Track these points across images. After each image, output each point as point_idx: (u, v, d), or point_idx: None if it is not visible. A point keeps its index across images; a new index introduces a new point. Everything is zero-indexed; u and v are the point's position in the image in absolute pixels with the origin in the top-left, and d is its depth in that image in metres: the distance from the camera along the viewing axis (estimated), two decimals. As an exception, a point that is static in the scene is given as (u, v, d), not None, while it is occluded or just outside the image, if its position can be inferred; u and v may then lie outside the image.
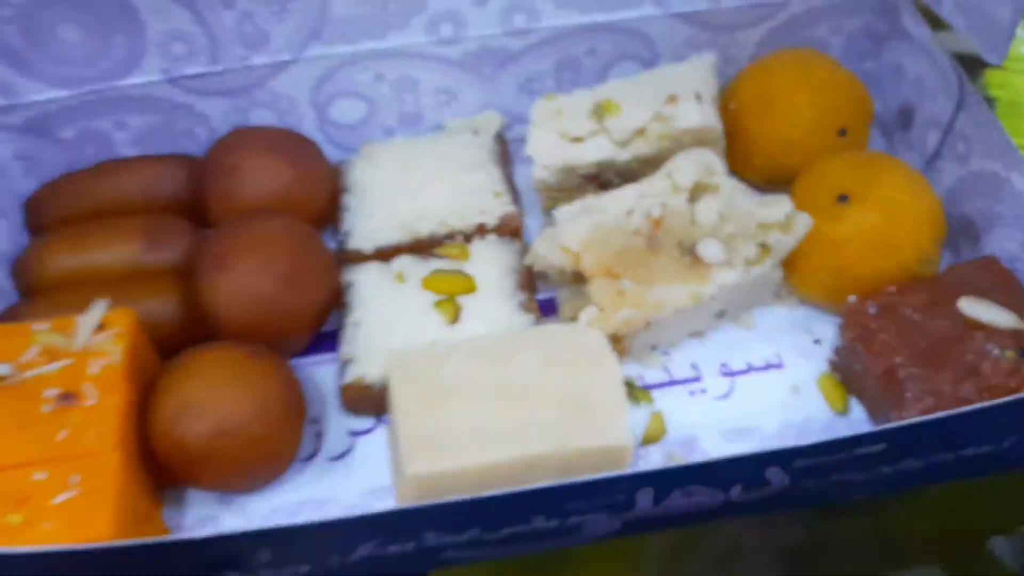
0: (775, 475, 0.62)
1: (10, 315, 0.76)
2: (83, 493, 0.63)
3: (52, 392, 0.67)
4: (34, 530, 0.62)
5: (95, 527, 0.62)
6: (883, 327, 0.71)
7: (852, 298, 0.75)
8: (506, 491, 0.59)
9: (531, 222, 0.87)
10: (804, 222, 0.76)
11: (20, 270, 0.80)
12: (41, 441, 0.65)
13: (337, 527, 0.59)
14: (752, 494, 0.65)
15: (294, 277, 0.74)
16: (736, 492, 0.64)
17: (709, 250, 0.76)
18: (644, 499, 0.62)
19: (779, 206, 0.76)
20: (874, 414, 0.75)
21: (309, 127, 0.87)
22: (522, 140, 0.92)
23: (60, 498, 0.63)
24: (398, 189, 0.84)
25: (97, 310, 0.71)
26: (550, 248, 0.76)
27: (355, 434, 0.77)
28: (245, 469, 0.69)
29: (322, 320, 0.79)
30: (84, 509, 0.63)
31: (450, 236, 0.81)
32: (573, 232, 0.75)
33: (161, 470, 0.70)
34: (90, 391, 0.68)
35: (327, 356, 0.81)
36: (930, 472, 0.68)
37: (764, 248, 0.77)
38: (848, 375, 0.76)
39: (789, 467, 0.62)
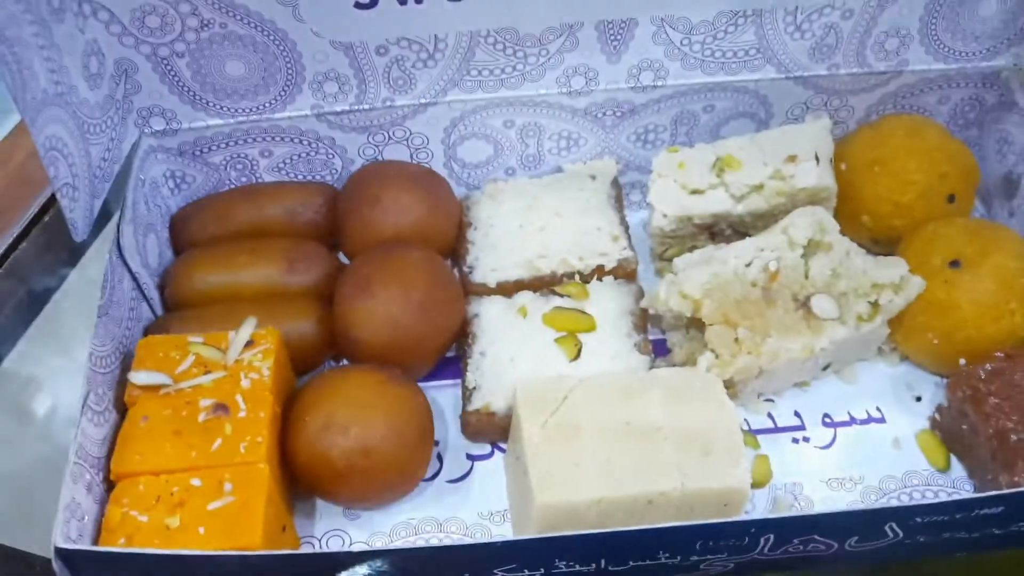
0: (892, 529, 0.65)
1: (158, 327, 0.82)
2: (236, 501, 0.68)
3: (207, 403, 0.72)
4: (190, 534, 0.66)
5: (247, 534, 0.66)
6: (993, 391, 0.74)
7: (962, 361, 0.78)
8: (640, 528, 0.62)
9: (639, 265, 0.91)
10: (917, 284, 0.80)
11: (165, 283, 0.85)
12: (197, 449, 0.70)
13: (481, 550, 0.63)
14: (865, 545, 0.68)
15: (429, 307, 0.78)
16: (851, 543, 0.67)
17: (823, 306, 0.79)
18: (765, 543, 0.66)
19: (895, 268, 0.79)
20: (976, 474, 0.77)
21: (436, 163, 0.92)
22: (633, 185, 0.97)
23: (215, 504, 0.68)
24: (520, 227, 0.88)
25: (247, 327, 0.76)
26: (670, 293, 0.80)
27: (472, 458, 0.81)
28: (381, 486, 0.73)
29: (448, 348, 0.83)
30: (237, 516, 0.67)
31: (569, 275, 0.86)
32: (694, 280, 0.78)
33: (299, 483, 0.75)
34: (241, 404, 0.73)
35: (446, 382, 0.85)
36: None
37: (875, 307, 0.80)
38: (950, 434, 0.79)
39: (907, 523, 0.65)
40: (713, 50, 0.86)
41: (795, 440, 0.82)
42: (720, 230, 0.88)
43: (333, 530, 0.76)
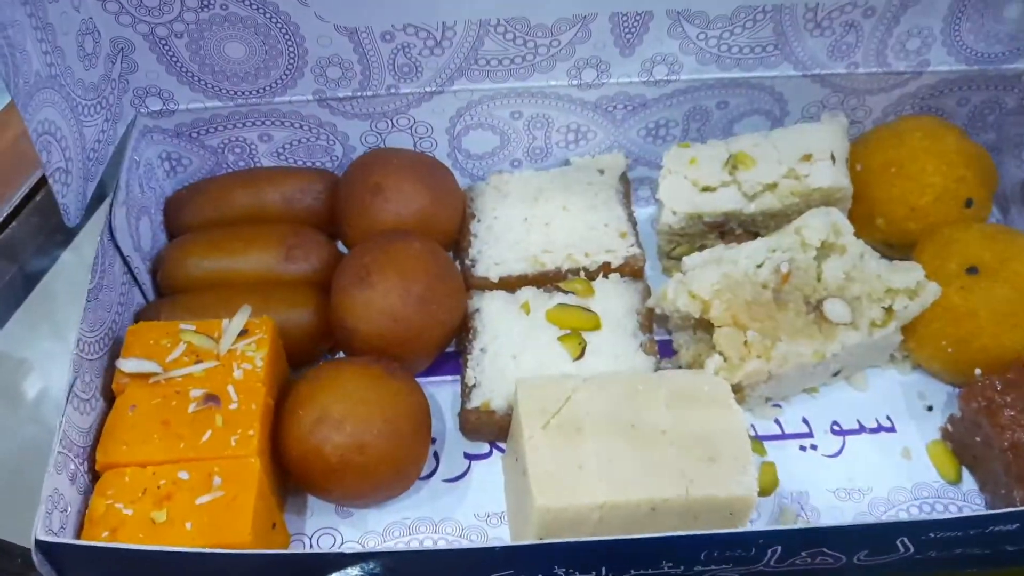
0: (904, 544, 0.63)
1: (149, 313, 0.79)
2: (225, 496, 0.65)
3: (198, 393, 0.70)
4: (176, 529, 0.64)
5: (235, 530, 0.64)
6: (1009, 402, 0.72)
7: (978, 371, 0.75)
8: (643, 536, 0.60)
9: (646, 263, 0.89)
10: (932, 290, 0.77)
11: (158, 268, 0.83)
12: (186, 440, 0.68)
13: (477, 555, 0.61)
14: (874, 560, 0.65)
15: (429, 299, 0.76)
16: (860, 556, 0.65)
17: (835, 310, 0.77)
18: (772, 555, 0.63)
19: (911, 273, 0.77)
20: (988, 487, 0.75)
21: (440, 153, 0.90)
22: (642, 181, 0.95)
23: (203, 499, 0.65)
24: (525, 220, 0.86)
25: (241, 316, 0.74)
26: (678, 293, 0.77)
27: (470, 457, 0.79)
28: (375, 484, 0.71)
29: (447, 343, 0.81)
30: (226, 512, 0.65)
31: (574, 271, 0.83)
32: (703, 280, 0.76)
33: (292, 478, 0.72)
34: (232, 395, 0.70)
35: (445, 378, 0.83)
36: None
37: (889, 312, 0.77)
38: (962, 445, 0.77)
39: (919, 538, 0.62)
40: (730, 45, 0.84)
41: (802, 448, 0.79)
42: (730, 229, 0.86)
43: (325, 528, 0.74)
